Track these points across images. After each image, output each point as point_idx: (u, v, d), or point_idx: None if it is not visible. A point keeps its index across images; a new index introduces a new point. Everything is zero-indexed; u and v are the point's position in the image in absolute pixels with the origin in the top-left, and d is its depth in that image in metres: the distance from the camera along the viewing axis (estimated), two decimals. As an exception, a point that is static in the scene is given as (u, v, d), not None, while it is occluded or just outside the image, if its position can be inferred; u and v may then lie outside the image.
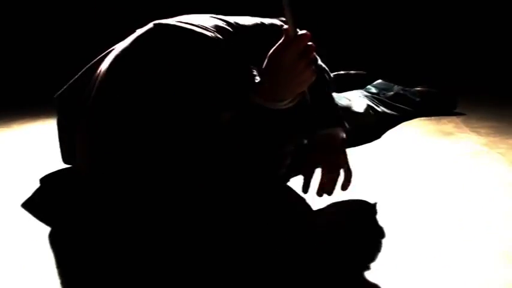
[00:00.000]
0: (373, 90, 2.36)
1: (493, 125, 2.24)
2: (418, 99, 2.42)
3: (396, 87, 2.42)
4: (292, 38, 1.09)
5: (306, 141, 1.48)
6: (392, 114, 2.29)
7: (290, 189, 1.54)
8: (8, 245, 1.24)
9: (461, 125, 2.26)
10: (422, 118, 2.41)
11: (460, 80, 3.51)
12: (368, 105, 2.16)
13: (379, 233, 1.23)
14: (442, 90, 2.52)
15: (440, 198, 1.43)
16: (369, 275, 1.03)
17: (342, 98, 2.05)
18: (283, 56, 1.10)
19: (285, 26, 1.10)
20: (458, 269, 1.04)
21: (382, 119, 2.22)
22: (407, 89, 2.45)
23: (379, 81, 2.47)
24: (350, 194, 1.44)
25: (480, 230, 1.22)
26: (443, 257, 1.09)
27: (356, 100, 2.12)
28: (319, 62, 1.53)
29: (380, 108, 2.23)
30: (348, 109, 2.02)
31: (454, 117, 2.41)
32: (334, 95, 1.90)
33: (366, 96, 2.26)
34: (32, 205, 1.50)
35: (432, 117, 2.42)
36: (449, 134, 2.13)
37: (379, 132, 2.16)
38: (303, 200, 1.45)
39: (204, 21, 1.30)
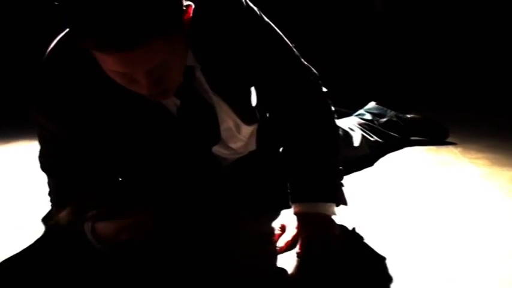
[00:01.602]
0: (367, 116, 2.32)
1: (491, 156, 2.19)
2: (402, 125, 2.37)
3: (389, 113, 2.38)
4: None
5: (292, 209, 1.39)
6: (385, 143, 2.25)
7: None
8: None
9: (460, 156, 2.22)
10: (420, 147, 2.37)
11: (460, 110, 3.48)
12: (362, 136, 2.13)
13: (377, 261, 1.22)
14: (433, 120, 2.48)
15: (438, 228, 1.42)
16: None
17: (340, 131, 1.98)
18: None
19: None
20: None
21: (375, 149, 2.18)
22: (400, 115, 2.40)
23: (373, 104, 2.43)
24: (346, 222, 1.40)
25: (482, 260, 1.20)
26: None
27: (353, 133, 2.09)
28: (336, 121, 1.48)
29: (373, 138, 2.19)
30: (344, 143, 1.99)
31: (452, 148, 2.36)
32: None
33: (360, 124, 2.22)
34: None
35: (431, 146, 2.37)
36: (447, 163, 2.10)
37: (371, 160, 2.12)
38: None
39: None
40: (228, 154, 1.57)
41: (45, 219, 1.57)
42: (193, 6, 1.17)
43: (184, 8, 1.13)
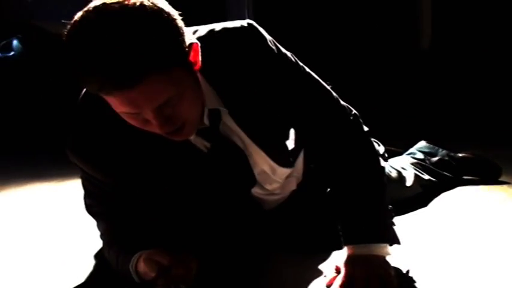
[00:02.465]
0: (419, 156, 2.29)
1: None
2: (455, 164, 2.33)
3: (441, 152, 2.35)
4: None
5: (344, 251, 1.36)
6: (437, 182, 2.21)
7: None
8: None
9: (513, 195, 2.17)
10: (473, 186, 2.32)
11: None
12: (415, 176, 2.11)
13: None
14: (485, 158, 2.44)
15: (495, 271, 1.37)
16: None
17: (393, 171, 2.01)
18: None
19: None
20: None
21: (427, 188, 2.15)
22: (452, 154, 2.37)
23: (423, 143, 2.41)
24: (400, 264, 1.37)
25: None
26: None
27: (405, 173, 2.08)
28: (382, 163, 1.46)
29: (426, 177, 2.17)
30: (397, 182, 1.99)
31: (506, 187, 2.31)
32: (385, 165, 1.85)
33: (412, 163, 2.20)
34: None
35: (484, 186, 2.32)
36: (502, 203, 2.05)
37: (425, 200, 2.09)
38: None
39: None
40: (264, 194, 1.56)
41: (97, 256, 1.59)
42: (199, 44, 1.21)
43: (186, 45, 1.16)
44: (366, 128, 1.47)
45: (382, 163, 1.45)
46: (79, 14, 1.11)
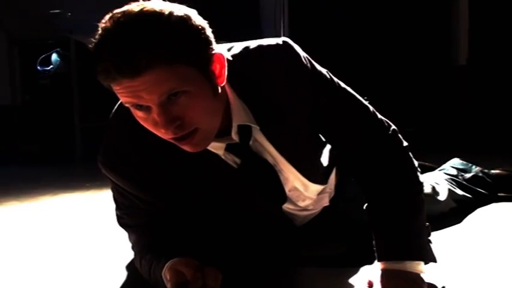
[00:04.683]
0: (452, 171, 2.26)
1: None
2: (489, 181, 2.29)
3: (474, 168, 2.31)
4: None
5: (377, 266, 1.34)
6: (471, 198, 2.18)
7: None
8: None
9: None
10: (507, 203, 2.27)
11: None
12: (449, 190, 2.09)
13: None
14: None
15: None
16: None
17: (426, 185, 1.97)
18: None
19: None
20: None
21: (461, 203, 2.12)
22: (485, 171, 2.33)
23: (456, 160, 2.38)
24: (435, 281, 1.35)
25: None
26: None
27: (438, 187, 2.06)
28: (421, 178, 1.44)
29: (460, 192, 2.14)
30: (430, 197, 1.96)
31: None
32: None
33: (445, 179, 2.17)
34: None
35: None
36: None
37: (459, 216, 2.06)
38: None
39: None
40: (296, 210, 1.56)
41: (129, 267, 1.60)
42: (224, 56, 1.21)
43: (208, 52, 1.17)
44: (405, 143, 1.45)
45: (421, 178, 1.44)
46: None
